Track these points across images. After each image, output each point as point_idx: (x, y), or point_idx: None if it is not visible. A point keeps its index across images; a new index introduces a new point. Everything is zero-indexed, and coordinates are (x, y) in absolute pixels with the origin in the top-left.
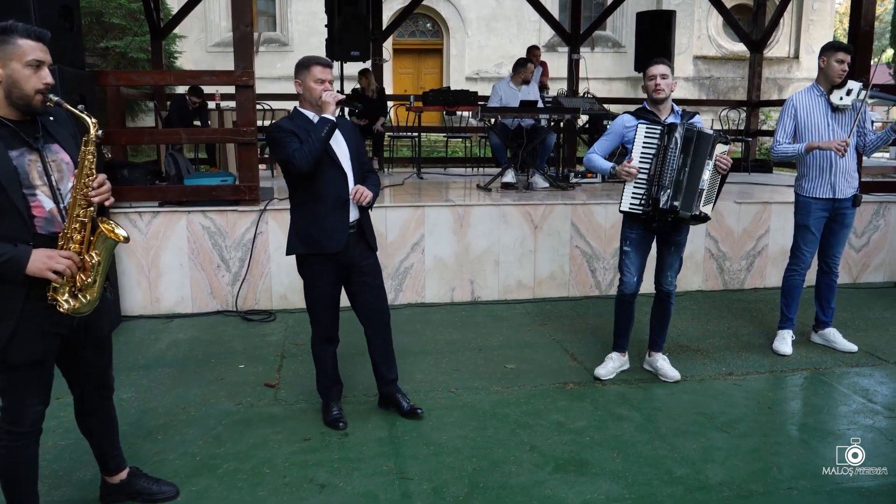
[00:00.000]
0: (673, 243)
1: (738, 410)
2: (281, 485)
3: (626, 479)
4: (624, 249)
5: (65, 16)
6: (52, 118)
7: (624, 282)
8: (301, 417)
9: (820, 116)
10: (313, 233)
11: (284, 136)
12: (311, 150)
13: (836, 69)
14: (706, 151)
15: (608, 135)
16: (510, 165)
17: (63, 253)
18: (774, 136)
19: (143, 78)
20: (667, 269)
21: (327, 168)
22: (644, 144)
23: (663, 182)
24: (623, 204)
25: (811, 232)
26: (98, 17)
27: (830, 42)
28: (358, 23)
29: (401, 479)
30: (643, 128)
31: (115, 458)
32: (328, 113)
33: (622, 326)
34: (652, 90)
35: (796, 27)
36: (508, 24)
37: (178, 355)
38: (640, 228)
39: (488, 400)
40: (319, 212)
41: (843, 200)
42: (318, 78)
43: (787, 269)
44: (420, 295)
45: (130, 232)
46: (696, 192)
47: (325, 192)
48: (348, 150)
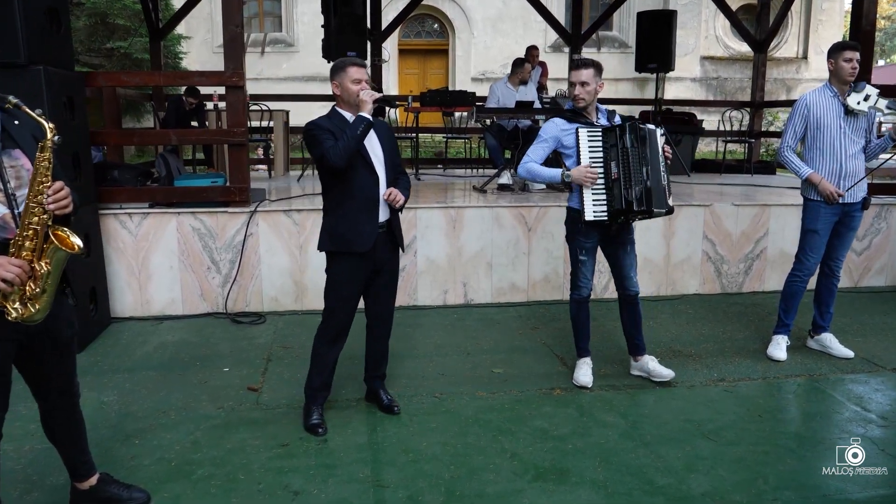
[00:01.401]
0: (627, 242)
1: (727, 418)
2: (255, 491)
3: (607, 488)
4: (580, 259)
5: (51, 17)
6: (17, 122)
7: (582, 287)
8: (281, 422)
9: (832, 118)
10: (343, 231)
11: (320, 132)
12: (345, 146)
13: (845, 69)
14: (657, 145)
15: (542, 141)
16: (506, 167)
17: (14, 261)
18: (783, 136)
19: (132, 79)
20: (628, 271)
21: (360, 168)
22: (590, 149)
23: (632, 183)
24: (587, 214)
25: (819, 236)
26: (103, 18)
27: (835, 43)
28: (354, 23)
29: (376, 487)
30: (584, 132)
31: (84, 464)
32: (365, 111)
33: (585, 330)
34: (573, 96)
35: (805, 27)
36: (514, 24)
37: (164, 358)
38: (598, 235)
39: (472, 405)
40: (350, 211)
41: (853, 204)
42: (355, 78)
43: (790, 273)
44: (412, 297)
45: (120, 233)
46: (664, 187)
47: (357, 192)
48: (382, 152)
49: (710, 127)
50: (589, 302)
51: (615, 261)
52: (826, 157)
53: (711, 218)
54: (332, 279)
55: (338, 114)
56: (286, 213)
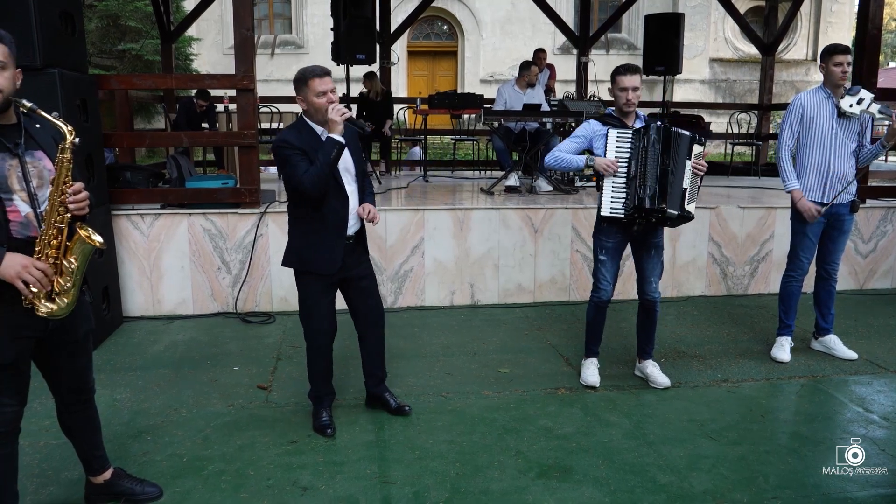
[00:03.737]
0: (652, 247)
1: (730, 418)
2: (264, 487)
3: (609, 486)
4: (600, 258)
5: (65, 20)
6: (38, 125)
7: (600, 289)
8: (290, 420)
9: (826, 119)
10: (309, 253)
11: (293, 154)
12: (318, 174)
13: (835, 72)
14: (685, 151)
15: (576, 137)
16: (514, 169)
17: (39, 264)
18: (780, 137)
19: (144, 81)
20: (650, 276)
21: (331, 191)
22: (618, 149)
23: (646, 181)
24: (603, 209)
25: (808, 238)
26: (115, 21)
27: (826, 46)
28: (363, 26)
29: (383, 484)
30: (614, 133)
31: (98, 459)
32: (336, 133)
33: (598, 333)
34: (623, 103)
35: (814, 29)
36: (523, 26)
37: (175, 356)
38: (619, 235)
39: (478, 405)
40: (317, 233)
41: (841, 206)
42: (319, 91)
43: (784, 275)
44: (420, 298)
45: (132, 234)
46: (680, 191)
47: (328, 215)
48: (353, 164)
49: (718, 129)
50: (607, 306)
51: (639, 263)
52: (815, 157)
53: (717, 220)
54: (303, 298)
55: (307, 126)
56: None
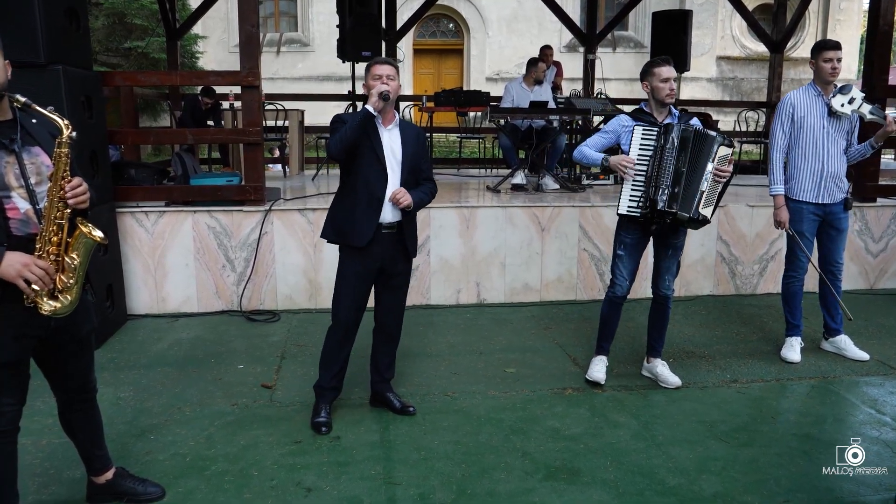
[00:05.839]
0: (671, 246)
1: (740, 419)
2: (267, 487)
3: (618, 488)
4: (618, 254)
5: (70, 17)
6: (35, 120)
7: (617, 284)
8: (295, 419)
9: (816, 117)
10: (342, 224)
11: (337, 124)
12: (340, 136)
13: (825, 69)
14: (707, 152)
15: (604, 133)
16: (520, 167)
17: (40, 262)
18: (772, 138)
19: (148, 78)
20: (664, 274)
21: (369, 164)
22: (641, 146)
23: (661, 183)
24: (621, 207)
25: (805, 236)
26: (121, 18)
27: (816, 42)
28: (369, 23)
29: (388, 484)
30: (640, 129)
31: (100, 459)
32: (370, 104)
33: (610, 330)
34: (665, 94)
35: (823, 27)
36: (529, 24)
37: (179, 355)
38: (638, 232)
39: (484, 405)
40: (351, 205)
41: (834, 205)
42: (375, 74)
43: (784, 276)
44: (425, 297)
45: (136, 231)
46: (695, 194)
47: (361, 187)
48: (402, 153)
49: (726, 127)
50: (622, 304)
51: (656, 259)
52: (808, 157)
53: (726, 219)
54: (340, 269)
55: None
56: (301, 212)
